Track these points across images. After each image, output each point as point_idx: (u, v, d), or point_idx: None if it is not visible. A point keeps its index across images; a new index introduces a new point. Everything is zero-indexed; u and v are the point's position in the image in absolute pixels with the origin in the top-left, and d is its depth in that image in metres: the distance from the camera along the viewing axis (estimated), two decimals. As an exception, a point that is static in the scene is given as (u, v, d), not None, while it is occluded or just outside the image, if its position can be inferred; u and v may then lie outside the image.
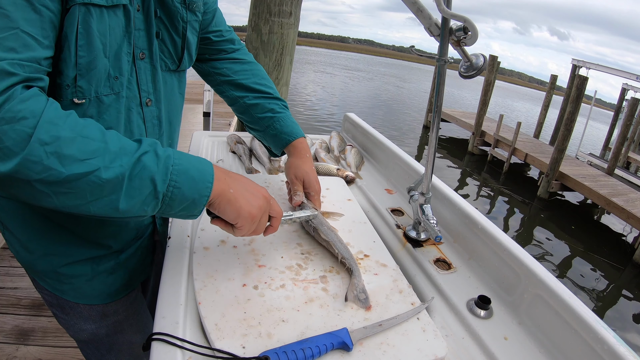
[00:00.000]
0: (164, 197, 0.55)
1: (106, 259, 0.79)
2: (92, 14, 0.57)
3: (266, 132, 0.96)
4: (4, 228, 0.74)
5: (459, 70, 0.83)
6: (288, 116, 0.96)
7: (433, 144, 0.87)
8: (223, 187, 0.61)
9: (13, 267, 2.14)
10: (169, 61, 0.78)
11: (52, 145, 0.47)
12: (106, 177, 0.50)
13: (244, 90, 0.96)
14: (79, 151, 0.49)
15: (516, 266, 0.75)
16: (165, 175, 0.55)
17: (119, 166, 0.51)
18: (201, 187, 0.58)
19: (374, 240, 0.87)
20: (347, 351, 0.58)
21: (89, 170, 0.49)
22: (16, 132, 0.45)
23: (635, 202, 7.49)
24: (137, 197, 0.53)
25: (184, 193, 0.56)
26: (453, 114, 13.27)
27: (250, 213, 0.63)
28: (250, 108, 0.96)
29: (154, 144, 0.57)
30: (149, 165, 0.54)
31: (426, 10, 0.78)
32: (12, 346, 1.71)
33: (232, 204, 0.62)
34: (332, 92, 20.49)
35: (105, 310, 0.84)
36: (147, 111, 0.75)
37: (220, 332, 0.58)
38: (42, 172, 0.46)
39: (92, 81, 0.61)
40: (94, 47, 0.59)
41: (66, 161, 0.47)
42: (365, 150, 1.47)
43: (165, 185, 0.55)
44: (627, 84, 15.04)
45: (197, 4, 0.79)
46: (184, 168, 0.57)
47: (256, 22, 1.69)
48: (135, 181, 0.52)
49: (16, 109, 0.45)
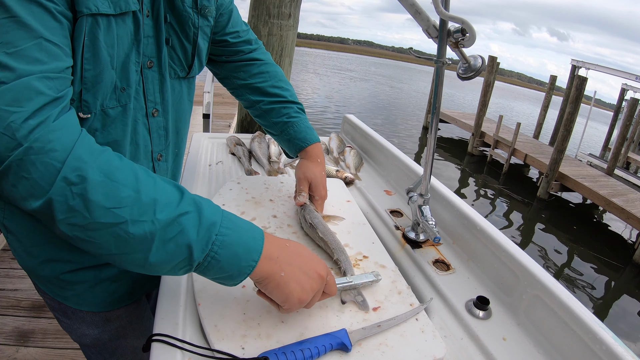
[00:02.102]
0: (199, 266, 0.51)
1: (109, 266, 0.77)
2: (99, 25, 0.54)
3: (281, 136, 0.95)
4: (8, 232, 0.72)
5: (457, 71, 0.84)
6: (303, 120, 0.94)
7: (431, 145, 0.87)
8: (274, 269, 0.55)
9: (13, 268, 2.14)
10: (178, 68, 0.75)
11: (79, 187, 0.43)
12: (133, 232, 0.45)
13: (260, 94, 0.94)
14: (106, 198, 0.45)
15: (515, 267, 0.75)
16: (205, 246, 0.49)
17: (149, 222, 0.46)
18: (243, 265, 0.52)
19: (373, 241, 0.87)
20: (345, 352, 0.58)
21: (115, 222, 0.45)
22: (44, 165, 0.42)
23: (634, 202, 7.50)
24: (169, 261, 0.48)
25: (222, 266, 0.51)
26: (452, 115, 13.28)
27: (300, 299, 0.56)
28: (266, 113, 0.94)
29: (197, 203, 0.51)
30: (188, 231, 0.48)
31: (424, 12, 0.78)
32: (12, 348, 1.70)
33: (281, 288, 0.55)
34: (331, 93, 20.51)
35: (109, 316, 0.82)
36: (152, 122, 0.72)
37: (219, 333, 0.58)
38: (66, 212, 0.44)
39: (98, 95, 0.58)
40: (101, 60, 0.56)
41: (91, 206, 0.44)
42: (364, 152, 1.48)
43: (203, 255, 0.49)
44: (627, 84, 15.07)
45: (209, 9, 0.76)
46: (229, 241, 0.51)
47: (255, 24, 1.69)
48: (169, 245, 0.47)
49: (46, 138, 0.43)
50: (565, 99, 12.64)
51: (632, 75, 13.85)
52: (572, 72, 14.44)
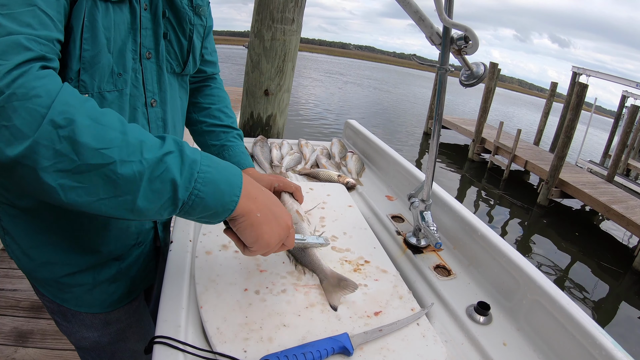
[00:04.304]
0: (184, 205, 0.50)
1: (107, 267, 0.78)
2: (98, 8, 0.57)
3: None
4: (5, 234, 0.73)
5: (460, 78, 0.84)
6: (239, 146, 0.96)
7: (434, 151, 0.88)
8: (251, 208, 0.56)
9: (12, 269, 2.14)
10: (174, 63, 0.78)
11: (66, 129, 0.42)
12: (122, 173, 0.45)
13: (205, 116, 0.97)
14: (95, 139, 0.44)
15: (515, 272, 0.76)
16: (188, 183, 0.50)
17: (137, 162, 0.46)
18: (227, 200, 0.53)
19: (374, 246, 0.88)
20: (347, 356, 0.58)
21: (104, 162, 0.44)
22: (28, 111, 0.41)
23: (635, 209, 7.49)
24: (156, 201, 0.48)
25: (206, 203, 0.51)
26: (453, 120, 13.30)
27: (269, 243, 0.58)
28: (206, 134, 0.97)
29: (179, 143, 0.51)
30: (172, 169, 0.48)
31: (428, 19, 0.79)
32: (11, 348, 1.70)
33: (254, 228, 0.57)
34: (333, 98, 20.56)
35: (108, 318, 0.82)
36: (151, 112, 0.75)
37: (221, 336, 0.59)
38: (52, 158, 0.42)
39: (95, 76, 0.60)
40: (98, 42, 0.58)
41: (80, 149, 0.43)
42: (366, 157, 1.48)
43: (187, 193, 0.50)
44: (627, 91, 15.09)
45: (202, 8, 0.80)
46: (211, 178, 0.51)
47: (259, 29, 1.70)
48: (155, 183, 0.47)
49: (30, 85, 0.42)
50: (566, 106, 12.67)
51: (633, 82, 13.88)
52: (572, 78, 14.47)
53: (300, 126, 12.30)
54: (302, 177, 1.30)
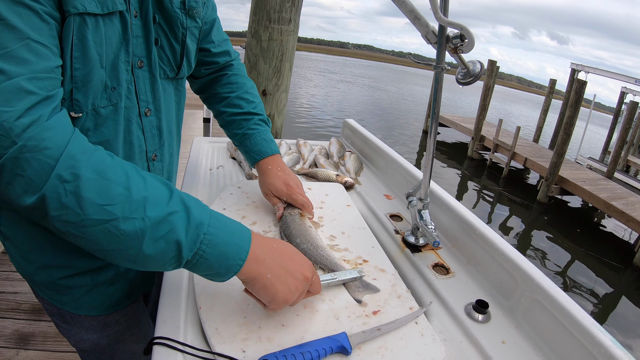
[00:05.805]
0: (188, 262, 0.52)
1: (106, 270, 0.77)
2: (87, 25, 0.54)
3: (240, 148, 0.96)
4: (5, 238, 0.72)
5: (457, 77, 0.84)
6: (261, 133, 0.94)
7: (431, 150, 0.88)
8: (260, 271, 0.57)
9: (13, 271, 2.14)
10: (167, 69, 0.76)
11: (72, 184, 0.44)
12: (124, 229, 0.47)
13: (225, 105, 0.95)
14: (98, 195, 0.46)
15: (514, 271, 0.76)
16: (193, 244, 0.50)
17: (140, 219, 0.47)
18: (231, 263, 0.54)
19: (372, 245, 0.88)
20: (346, 355, 0.58)
21: (107, 218, 0.46)
22: (39, 163, 0.43)
23: (634, 205, 7.50)
24: (159, 258, 0.50)
25: (210, 264, 0.53)
26: (452, 118, 13.30)
27: (286, 299, 0.58)
28: (229, 124, 0.96)
29: (186, 200, 0.52)
30: (178, 229, 0.49)
31: (423, 18, 0.79)
32: (12, 350, 1.71)
33: (267, 289, 0.57)
34: (332, 98, 20.55)
35: (107, 320, 0.82)
36: (146, 121, 0.73)
37: (220, 336, 0.59)
38: (59, 209, 0.44)
39: (89, 94, 0.59)
40: (90, 59, 0.56)
41: (84, 204, 0.45)
42: (364, 156, 1.48)
43: (191, 253, 0.51)
44: (626, 88, 15.10)
45: (197, 10, 0.77)
46: (216, 241, 0.52)
47: (256, 29, 1.71)
48: (160, 243, 0.49)
49: (40, 137, 0.44)
50: (565, 103, 12.66)
51: (632, 78, 13.88)
52: (571, 75, 14.47)
53: (298, 126, 12.31)
54: (301, 177, 1.30)
